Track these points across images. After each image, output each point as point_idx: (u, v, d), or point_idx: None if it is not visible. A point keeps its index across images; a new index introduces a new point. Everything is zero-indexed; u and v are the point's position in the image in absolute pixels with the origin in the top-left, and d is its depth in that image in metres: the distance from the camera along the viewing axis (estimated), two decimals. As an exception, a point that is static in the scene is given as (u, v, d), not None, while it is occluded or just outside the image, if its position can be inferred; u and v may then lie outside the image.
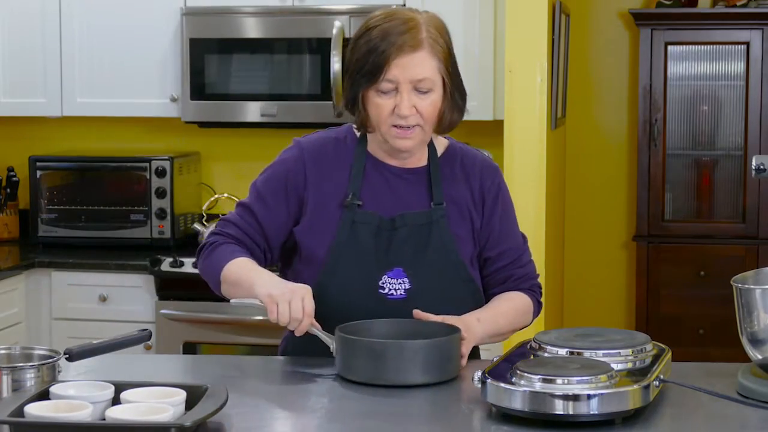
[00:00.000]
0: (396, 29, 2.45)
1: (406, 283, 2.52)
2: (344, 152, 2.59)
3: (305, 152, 2.60)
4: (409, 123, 2.47)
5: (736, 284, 2.25)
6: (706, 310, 5.11)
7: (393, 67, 2.44)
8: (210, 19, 4.64)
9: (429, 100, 2.47)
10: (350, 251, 2.52)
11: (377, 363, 2.29)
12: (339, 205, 2.54)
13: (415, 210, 2.55)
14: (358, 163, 2.57)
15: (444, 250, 2.54)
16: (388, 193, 2.56)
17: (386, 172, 2.58)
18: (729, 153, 5.21)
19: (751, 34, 5.10)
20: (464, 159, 2.64)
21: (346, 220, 2.53)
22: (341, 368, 2.36)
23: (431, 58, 2.46)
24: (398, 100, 2.46)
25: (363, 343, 2.33)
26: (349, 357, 2.34)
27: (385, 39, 2.45)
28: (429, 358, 2.30)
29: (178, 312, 4.40)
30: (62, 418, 1.97)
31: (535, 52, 4.17)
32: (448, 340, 2.34)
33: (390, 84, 2.46)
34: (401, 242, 2.52)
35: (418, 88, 2.45)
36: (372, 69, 2.46)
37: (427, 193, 2.57)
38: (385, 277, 2.51)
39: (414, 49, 2.44)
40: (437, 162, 2.60)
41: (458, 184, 2.60)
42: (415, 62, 2.44)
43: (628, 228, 5.43)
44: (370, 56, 2.46)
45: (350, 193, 2.54)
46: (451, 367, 2.34)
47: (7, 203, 5.00)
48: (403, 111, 2.46)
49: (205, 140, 5.05)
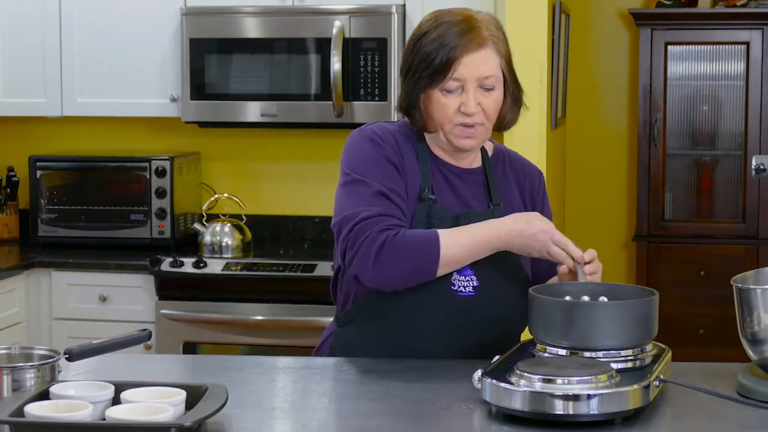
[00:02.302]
0: (458, 28, 2.48)
1: (474, 280, 2.52)
2: (409, 146, 2.58)
3: (390, 135, 2.55)
4: (474, 121, 2.49)
5: (736, 284, 2.25)
6: (706, 310, 5.11)
7: (460, 66, 2.46)
8: (210, 19, 4.64)
9: (493, 98, 2.49)
10: None
11: (571, 324, 2.21)
12: (415, 197, 2.53)
13: (476, 209, 2.57)
14: (425, 159, 2.57)
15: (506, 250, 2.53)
16: (451, 192, 2.58)
17: (447, 171, 2.59)
18: (729, 153, 5.21)
19: (751, 34, 5.10)
20: (512, 162, 2.68)
21: (421, 214, 2.52)
22: (536, 329, 2.28)
23: (495, 56, 2.48)
24: (464, 98, 2.47)
25: (555, 303, 2.25)
26: (543, 318, 2.26)
27: (450, 39, 2.47)
28: (624, 321, 2.21)
29: (178, 312, 4.40)
30: (62, 418, 1.97)
31: (535, 52, 4.17)
32: (644, 302, 2.25)
33: (456, 83, 2.47)
34: None
35: (483, 85, 2.48)
36: (439, 68, 2.47)
37: (485, 193, 2.60)
38: (455, 273, 2.50)
39: (479, 47, 2.47)
40: (490, 163, 2.63)
41: (509, 186, 2.64)
42: (481, 60, 2.47)
43: (628, 228, 5.43)
44: (436, 56, 2.47)
45: (425, 187, 2.54)
46: (643, 334, 2.23)
47: (7, 203, 5.00)
48: (471, 109, 2.47)
49: (205, 140, 5.05)
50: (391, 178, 2.51)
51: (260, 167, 4.98)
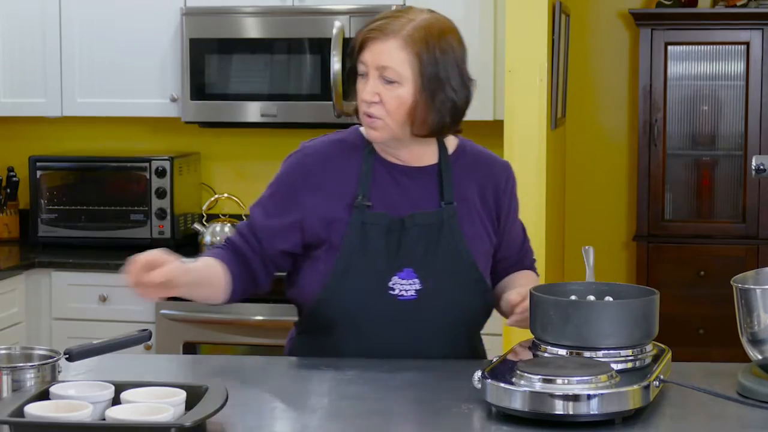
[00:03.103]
0: (380, 17, 2.49)
1: (417, 283, 2.51)
2: (351, 154, 2.58)
3: (308, 158, 2.59)
4: (371, 112, 2.47)
5: (736, 284, 2.25)
6: (706, 310, 5.11)
7: (365, 50, 2.47)
8: (210, 19, 4.64)
9: (395, 93, 2.45)
10: (360, 253, 2.51)
11: (569, 322, 2.21)
12: (348, 207, 2.53)
13: (425, 209, 2.54)
14: (367, 164, 2.56)
15: (455, 250, 2.53)
16: (398, 193, 2.55)
17: (394, 171, 2.57)
18: (729, 153, 5.21)
19: (751, 34, 5.10)
20: (476, 158, 2.64)
21: (355, 222, 2.52)
22: (535, 329, 2.28)
23: (402, 51, 2.44)
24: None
25: (553, 302, 2.25)
26: (541, 317, 2.26)
27: (369, 23, 2.49)
28: (621, 320, 2.21)
29: (178, 312, 4.40)
30: (62, 418, 1.97)
31: (535, 52, 4.17)
32: (643, 302, 2.25)
33: (363, 66, 2.48)
34: (412, 243, 2.52)
35: (383, 76, 2.45)
36: (352, 49, 2.51)
37: (438, 191, 2.57)
38: (395, 277, 2.51)
39: (386, 37, 2.45)
40: (448, 160, 2.59)
41: (470, 183, 2.60)
42: (384, 50, 2.45)
43: (628, 228, 5.43)
44: (355, 37, 2.52)
45: (359, 195, 2.53)
46: (642, 333, 2.23)
47: (7, 203, 5.00)
48: (364, 95, 2.47)
49: (205, 140, 5.05)
50: (276, 214, 2.54)
51: (260, 167, 4.98)
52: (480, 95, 4.44)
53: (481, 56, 4.49)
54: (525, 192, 4.15)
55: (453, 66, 2.48)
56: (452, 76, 2.48)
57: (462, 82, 2.50)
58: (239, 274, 2.55)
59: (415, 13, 2.50)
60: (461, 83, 2.50)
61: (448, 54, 2.48)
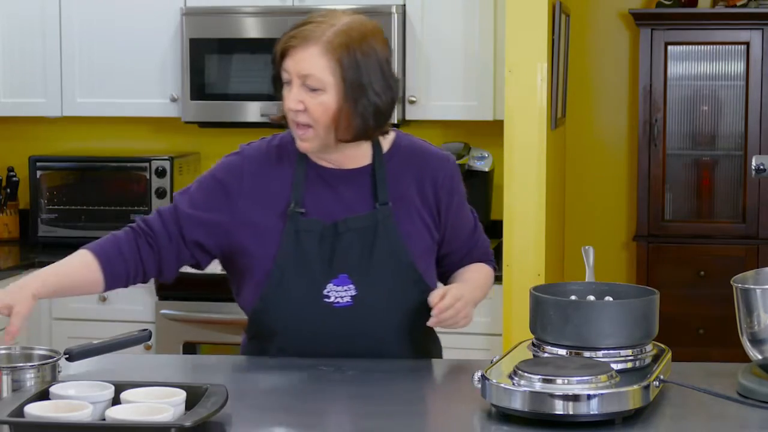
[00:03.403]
0: (301, 23, 2.45)
1: (352, 289, 2.49)
2: (285, 159, 2.56)
3: (246, 162, 2.57)
4: (298, 119, 2.45)
5: (736, 284, 2.25)
6: (706, 310, 5.11)
7: (287, 58, 2.44)
8: (210, 19, 4.64)
9: (318, 100, 2.42)
10: (295, 261, 2.49)
11: (568, 322, 2.21)
12: (281, 215, 2.51)
13: (360, 212, 2.51)
14: (300, 169, 2.53)
15: (391, 251, 2.51)
16: (332, 198, 2.53)
17: (328, 175, 2.54)
18: (729, 153, 5.21)
19: (751, 34, 5.10)
20: (412, 154, 2.59)
21: (289, 230, 2.50)
22: (535, 329, 2.28)
23: (322, 58, 2.40)
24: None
25: (553, 302, 2.25)
26: (541, 317, 2.26)
27: (289, 30, 2.45)
28: (621, 320, 2.21)
29: (178, 312, 4.40)
30: (62, 418, 1.97)
31: (535, 52, 4.17)
32: (643, 302, 2.25)
33: (286, 74, 2.45)
34: (346, 248, 2.50)
35: (306, 84, 2.42)
36: (274, 57, 2.47)
37: (372, 193, 2.53)
38: (330, 285, 2.49)
39: (306, 44, 2.41)
40: (382, 159, 2.55)
41: (406, 181, 2.56)
42: (304, 57, 2.41)
43: (628, 228, 5.43)
44: (276, 45, 2.47)
45: (292, 202, 2.51)
46: (642, 333, 2.23)
47: (7, 203, 5.00)
48: (288, 103, 2.44)
49: (205, 140, 5.04)
50: (199, 203, 2.53)
51: (260, 167, 4.97)
52: (480, 95, 4.51)
53: (481, 56, 4.50)
54: (525, 192, 4.18)
55: (375, 69, 2.44)
56: (375, 79, 2.43)
57: (385, 84, 2.45)
58: (133, 258, 2.53)
59: (337, 18, 2.45)
60: (385, 86, 2.45)
61: (370, 57, 2.43)
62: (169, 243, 2.54)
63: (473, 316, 2.53)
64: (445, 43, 4.52)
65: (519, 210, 4.19)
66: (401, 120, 4.56)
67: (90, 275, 2.51)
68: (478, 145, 4.72)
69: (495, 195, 4.71)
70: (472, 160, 4.62)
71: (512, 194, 4.19)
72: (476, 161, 4.63)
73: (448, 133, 4.87)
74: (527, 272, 4.17)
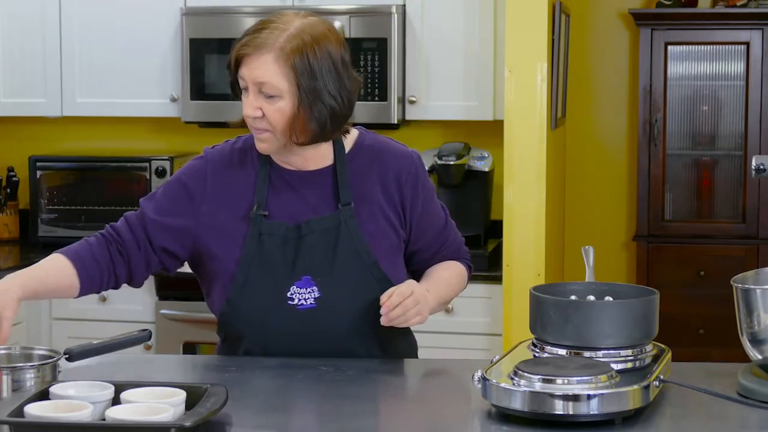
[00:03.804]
0: (254, 28, 2.44)
1: (315, 291, 2.49)
2: (249, 161, 2.56)
3: (210, 166, 2.57)
4: (256, 125, 2.44)
5: (736, 284, 2.25)
6: (706, 310, 5.11)
7: (242, 66, 2.43)
8: (210, 19, 4.64)
9: (275, 107, 2.41)
10: (258, 264, 2.49)
11: (568, 322, 2.21)
12: (245, 218, 2.51)
13: (322, 214, 2.51)
14: (263, 172, 2.53)
15: (354, 251, 2.50)
16: (295, 200, 2.53)
17: (290, 177, 2.53)
18: (729, 153, 5.21)
19: (751, 34, 5.10)
20: (374, 152, 2.58)
21: (253, 233, 2.50)
22: (535, 329, 2.28)
23: (276, 64, 2.39)
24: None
25: (553, 302, 2.24)
26: (541, 317, 2.25)
27: (242, 37, 2.44)
28: (621, 320, 2.21)
29: (178, 312, 4.40)
30: (62, 418, 1.97)
31: (535, 52, 4.17)
32: (643, 302, 2.24)
33: (243, 81, 2.44)
34: (309, 250, 2.50)
35: (262, 91, 2.41)
36: (229, 64, 2.46)
37: (334, 194, 2.53)
38: (293, 287, 2.49)
39: (260, 52, 2.40)
40: (344, 159, 2.54)
41: (369, 180, 2.55)
42: (258, 64, 2.40)
43: (628, 228, 5.43)
44: (231, 52, 2.46)
45: (255, 204, 2.51)
46: (642, 333, 2.23)
47: (7, 203, 5.00)
48: (246, 110, 2.44)
49: (205, 140, 5.02)
50: (164, 209, 2.54)
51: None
52: (480, 95, 4.51)
53: (481, 56, 4.50)
54: (525, 192, 4.18)
55: (330, 72, 2.42)
56: (329, 82, 2.41)
57: (341, 86, 2.43)
58: (106, 264, 2.53)
59: (288, 21, 2.43)
60: (340, 88, 2.43)
61: (324, 60, 2.41)
62: (138, 251, 2.55)
63: (428, 315, 2.48)
64: (445, 43, 4.53)
65: (519, 210, 4.19)
66: (401, 120, 4.56)
67: (66, 279, 2.52)
68: (478, 145, 4.72)
69: (495, 195, 4.71)
70: (472, 160, 4.62)
71: (512, 194, 4.19)
72: (476, 161, 4.63)
73: (448, 133, 4.87)
74: (527, 272, 4.17)
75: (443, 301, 2.62)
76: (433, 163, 4.56)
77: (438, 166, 4.54)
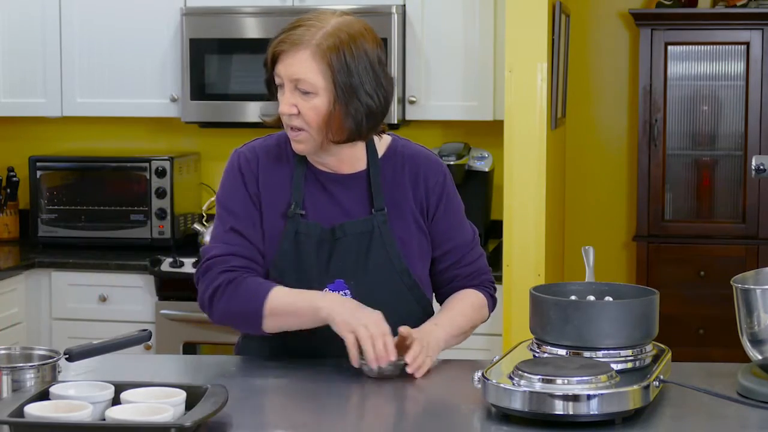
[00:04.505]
0: (291, 25, 2.44)
1: (348, 294, 2.49)
2: (284, 159, 2.55)
3: (250, 159, 2.55)
4: (292, 123, 2.44)
5: (736, 284, 2.25)
6: (706, 310, 5.11)
7: (279, 63, 2.43)
8: (210, 19, 4.64)
9: (311, 104, 2.41)
10: (293, 264, 2.49)
11: (568, 322, 2.21)
12: (282, 215, 2.51)
13: (355, 217, 2.51)
14: (299, 171, 2.53)
15: (386, 257, 2.51)
16: (329, 202, 2.53)
17: (324, 179, 2.54)
18: (729, 153, 5.21)
19: (751, 34, 5.10)
20: (407, 158, 2.58)
21: (289, 231, 2.50)
22: (535, 329, 2.28)
23: (313, 61, 2.39)
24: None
25: (553, 302, 2.24)
26: (541, 317, 2.25)
27: (279, 34, 2.44)
28: (621, 320, 2.21)
29: (178, 312, 4.40)
30: (62, 419, 1.97)
31: (535, 52, 4.17)
32: (643, 302, 2.24)
33: (279, 79, 2.44)
34: (342, 253, 2.50)
35: (298, 88, 2.41)
36: (266, 61, 2.46)
37: (368, 198, 2.53)
38: (326, 289, 2.49)
39: (296, 48, 2.40)
40: (377, 164, 2.55)
41: (402, 185, 2.55)
42: (294, 61, 2.40)
43: (628, 228, 5.43)
44: (268, 49, 2.46)
45: (293, 203, 2.51)
46: (642, 333, 2.22)
47: (7, 203, 5.00)
48: (282, 108, 2.44)
49: (205, 140, 5.05)
50: (247, 213, 2.51)
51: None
52: (480, 95, 4.51)
53: (481, 56, 4.50)
54: (525, 192, 4.18)
55: (366, 70, 2.42)
56: (366, 81, 2.42)
57: (377, 84, 2.44)
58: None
59: (325, 19, 2.43)
60: (376, 86, 2.44)
61: (360, 59, 2.42)
62: (259, 267, 2.53)
63: (439, 351, 2.49)
64: (445, 43, 4.53)
65: (519, 210, 4.19)
66: (401, 120, 4.56)
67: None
68: (478, 145, 4.72)
69: (495, 195, 4.71)
70: (472, 160, 4.61)
71: (512, 194, 4.19)
72: (476, 161, 4.63)
73: (448, 133, 4.87)
74: (527, 272, 4.17)
75: (458, 333, 2.57)
76: (433, 163, 4.55)
77: (438, 166, 4.53)
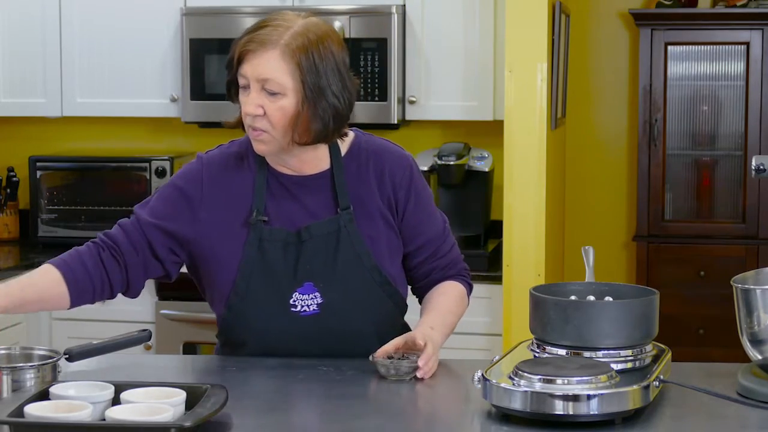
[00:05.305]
0: (257, 26, 2.42)
1: (318, 297, 2.48)
2: (245, 166, 2.54)
3: (205, 169, 2.55)
4: (256, 124, 2.41)
5: (736, 284, 2.25)
6: (706, 310, 5.11)
7: (244, 63, 2.40)
8: (210, 19, 4.64)
9: (277, 105, 2.39)
10: (259, 271, 2.48)
11: (569, 322, 2.21)
12: (245, 224, 2.49)
13: (321, 219, 2.50)
14: (260, 177, 2.51)
15: (355, 256, 2.50)
16: (293, 205, 2.51)
17: (286, 182, 2.52)
18: (729, 153, 5.21)
19: (751, 34, 5.10)
20: (371, 153, 2.56)
21: (253, 239, 2.49)
22: (535, 329, 2.27)
23: (282, 61, 2.37)
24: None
25: (553, 302, 2.24)
26: (541, 317, 2.25)
27: (245, 34, 2.42)
28: (621, 320, 2.20)
29: (178, 312, 4.40)
30: (62, 419, 1.97)
31: (535, 52, 4.17)
32: (643, 302, 2.24)
33: (244, 79, 2.41)
34: (309, 255, 2.48)
35: (265, 88, 2.39)
36: (230, 62, 2.43)
37: (333, 198, 2.51)
38: (296, 294, 2.48)
39: (264, 48, 2.38)
40: (341, 163, 2.53)
41: (367, 182, 2.53)
42: (263, 61, 2.38)
43: (628, 228, 5.43)
44: (232, 50, 2.43)
45: (254, 210, 2.49)
46: (642, 333, 2.22)
47: (7, 203, 5.00)
48: (246, 108, 2.40)
49: (205, 140, 5.04)
50: (161, 213, 2.51)
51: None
52: (480, 95, 4.51)
53: (481, 56, 4.50)
54: (525, 192, 4.18)
55: (333, 72, 2.41)
56: (333, 82, 2.41)
57: (343, 86, 2.43)
58: (98, 272, 2.50)
59: (291, 19, 2.42)
60: (342, 88, 2.42)
61: (328, 60, 2.40)
62: (136, 256, 2.52)
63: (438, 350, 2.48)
64: (445, 43, 4.53)
65: (519, 210, 4.19)
66: (401, 120, 4.56)
67: (54, 289, 2.47)
68: (478, 145, 4.72)
69: (495, 195, 4.71)
70: (472, 160, 4.61)
71: (512, 194, 4.19)
72: (476, 161, 4.63)
73: (448, 133, 4.87)
74: (527, 272, 4.17)
75: (450, 331, 2.58)
76: (433, 163, 4.56)
77: (438, 166, 4.54)
